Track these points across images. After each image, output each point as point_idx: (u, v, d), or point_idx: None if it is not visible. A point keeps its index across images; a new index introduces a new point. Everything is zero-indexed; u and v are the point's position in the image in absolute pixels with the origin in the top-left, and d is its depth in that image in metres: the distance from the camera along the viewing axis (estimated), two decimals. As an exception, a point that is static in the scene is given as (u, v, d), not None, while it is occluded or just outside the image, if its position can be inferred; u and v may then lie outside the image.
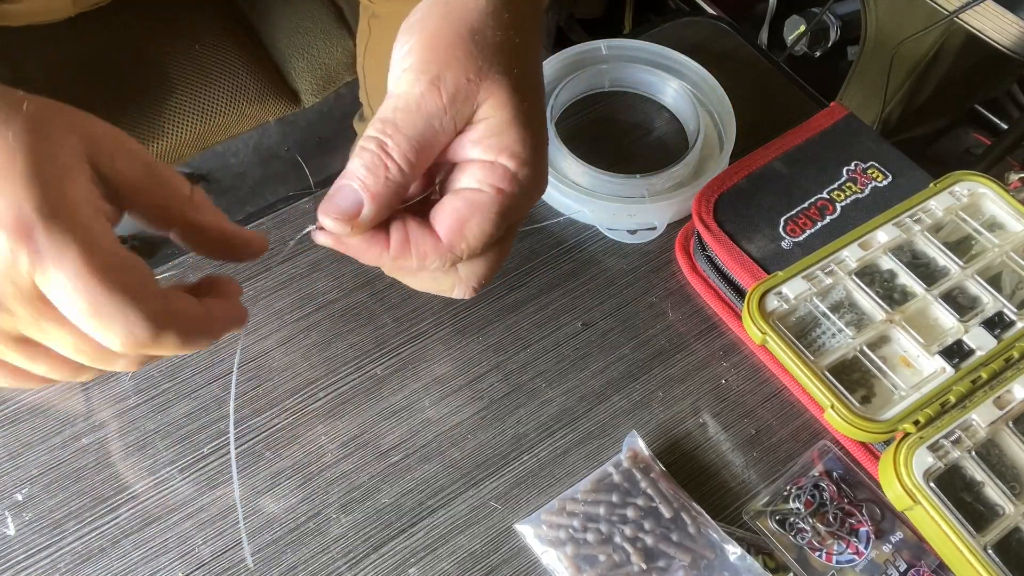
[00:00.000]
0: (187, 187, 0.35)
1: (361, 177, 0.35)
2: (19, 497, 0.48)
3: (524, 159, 0.36)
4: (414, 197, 0.39)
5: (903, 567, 0.48)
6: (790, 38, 1.28)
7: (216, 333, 0.34)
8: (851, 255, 0.55)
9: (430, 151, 0.36)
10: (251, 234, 0.37)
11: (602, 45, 0.68)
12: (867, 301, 0.53)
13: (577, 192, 0.60)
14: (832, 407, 0.49)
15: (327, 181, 0.61)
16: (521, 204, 0.37)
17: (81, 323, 0.29)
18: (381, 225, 0.37)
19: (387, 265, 0.38)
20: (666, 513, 0.48)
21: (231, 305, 0.36)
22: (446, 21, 0.36)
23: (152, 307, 0.30)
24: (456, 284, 0.40)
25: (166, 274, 0.57)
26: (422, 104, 0.35)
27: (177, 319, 0.31)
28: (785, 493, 0.50)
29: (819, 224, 0.57)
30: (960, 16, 0.97)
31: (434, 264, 0.37)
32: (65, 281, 0.29)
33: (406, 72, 0.35)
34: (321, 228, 0.36)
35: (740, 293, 0.56)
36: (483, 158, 0.36)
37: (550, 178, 0.60)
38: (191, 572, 0.47)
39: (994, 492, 0.47)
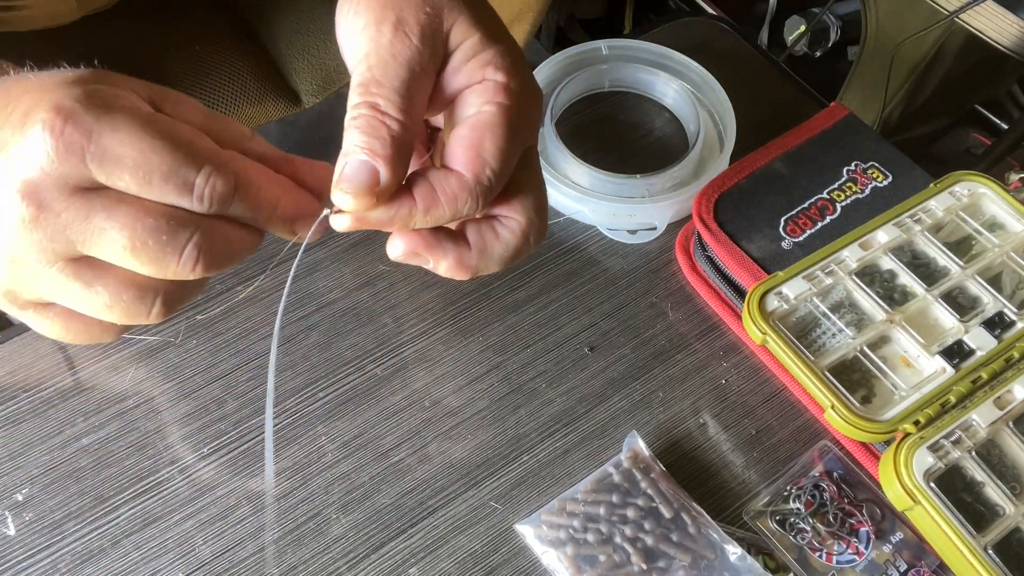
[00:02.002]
0: (246, 128, 0.34)
1: (366, 145, 0.33)
2: (19, 497, 0.48)
3: (510, 68, 0.35)
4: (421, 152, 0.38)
5: (903, 567, 0.48)
6: (790, 38, 1.28)
7: (291, 199, 0.33)
8: (851, 255, 0.55)
9: (420, 97, 0.34)
10: (312, 162, 0.35)
11: (602, 45, 0.68)
12: (867, 301, 0.53)
13: (577, 192, 0.60)
14: (832, 407, 0.49)
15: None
16: (524, 113, 0.36)
17: (146, 182, 0.29)
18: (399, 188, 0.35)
19: (420, 221, 0.35)
20: (666, 513, 0.48)
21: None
22: None
23: (221, 155, 0.30)
24: (523, 230, 0.38)
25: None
26: (395, 52, 0.34)
27: (249, 170, 0.31)
28: (785, 493, 0.50)
29: (819, 224, 0.57)
30: (960, 16, 0.97)
31: (466, 203, 0.34)
32: (123, 137, 0.28)
33: (364, 30, 0.34)
34: (338, 211, 0.34)
35: (740, 293, 0.56)
36: (471, 81, 0.35)
37: (550, 178, 0.60)
38: (191, 572, 0.47)
39: (994, 492, 0.47)
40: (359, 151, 0.33)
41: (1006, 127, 1.22)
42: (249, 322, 0.56)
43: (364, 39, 0.34)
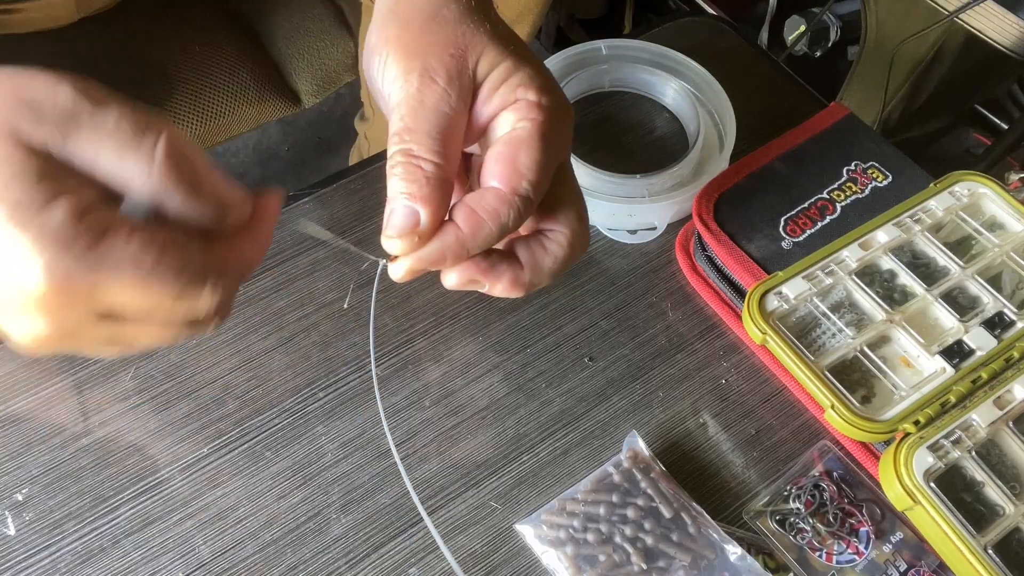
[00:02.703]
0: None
1: (404, 191, 0.35)
2: (19, 497, 0.48)
3: (541, 87, 0.37)
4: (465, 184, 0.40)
5: (903, 567, 0.48)
6: (790, 38, 1.28)
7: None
8: (851, 255, 0.55)
9: (454, 136, 0.36)
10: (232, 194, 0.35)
11: (602, 45, 0.68)
12: (867, 301, 0.53)
13: (577, 192, 0.60)
14: (832, 407, 0.49)
15: (327, 181, 0.61)
16: (557, 128, 0.37)
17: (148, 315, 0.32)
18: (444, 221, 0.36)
19: (470, 245, 0.36)
20: (666, 513, 0.48)
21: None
22: (404, 22, 0.37)
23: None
24: (568, 241, 0.39)
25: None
26: (423, 98, 0.35)
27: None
28: (785, 493, 0.50)
29: (819, 224, 0.57)
30: (960, 16, 0.97)
31: (509, 215, 0.36)
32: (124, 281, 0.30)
33: (395, 81, 0.36)
34: (393, 259, 0.36)
35: (740, 293, 0.56)
36: (505, 104, 0.37)
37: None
38: (191, 572, 0.47)
39: (994, 492, 0.47)
40: (402, 197, 0.35)
41: (1006, 127, 1.22)
42: (249, 322, 0.56)
43: (395, 89, 0.36)
